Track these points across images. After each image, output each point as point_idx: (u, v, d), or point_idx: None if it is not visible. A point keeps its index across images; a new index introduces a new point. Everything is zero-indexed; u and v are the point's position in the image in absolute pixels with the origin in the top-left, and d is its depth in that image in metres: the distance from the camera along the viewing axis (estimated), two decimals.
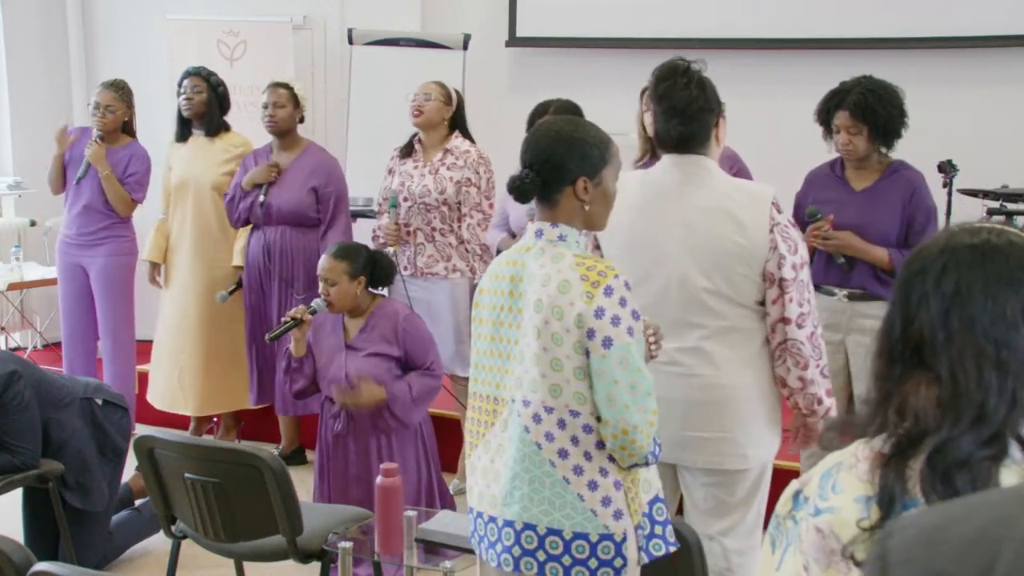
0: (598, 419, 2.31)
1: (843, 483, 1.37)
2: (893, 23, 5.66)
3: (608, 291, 2.29)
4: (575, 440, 2.31)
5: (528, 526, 2.33)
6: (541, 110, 4.46)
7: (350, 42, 6.34)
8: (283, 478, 3.12)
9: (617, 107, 4.23)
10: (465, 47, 6.19)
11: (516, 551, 2.34)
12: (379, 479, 3.05)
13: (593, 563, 2.31)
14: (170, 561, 3.47)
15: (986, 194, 4.94)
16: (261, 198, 4.90)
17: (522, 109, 4.65)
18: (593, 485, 2.32)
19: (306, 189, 4.89)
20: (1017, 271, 1.31)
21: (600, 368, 2.28)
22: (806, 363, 2.77)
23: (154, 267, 5.35)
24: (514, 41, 6.47)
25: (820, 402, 2.83)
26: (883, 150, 3.88)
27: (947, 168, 4.69)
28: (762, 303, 2.79)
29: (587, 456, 2.32)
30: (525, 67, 6.54)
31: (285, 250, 4.92)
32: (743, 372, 2.80)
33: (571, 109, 4.39)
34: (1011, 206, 4.86)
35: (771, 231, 2.73)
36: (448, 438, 4.62)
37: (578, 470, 2.32)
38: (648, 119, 3.99)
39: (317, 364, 4.00)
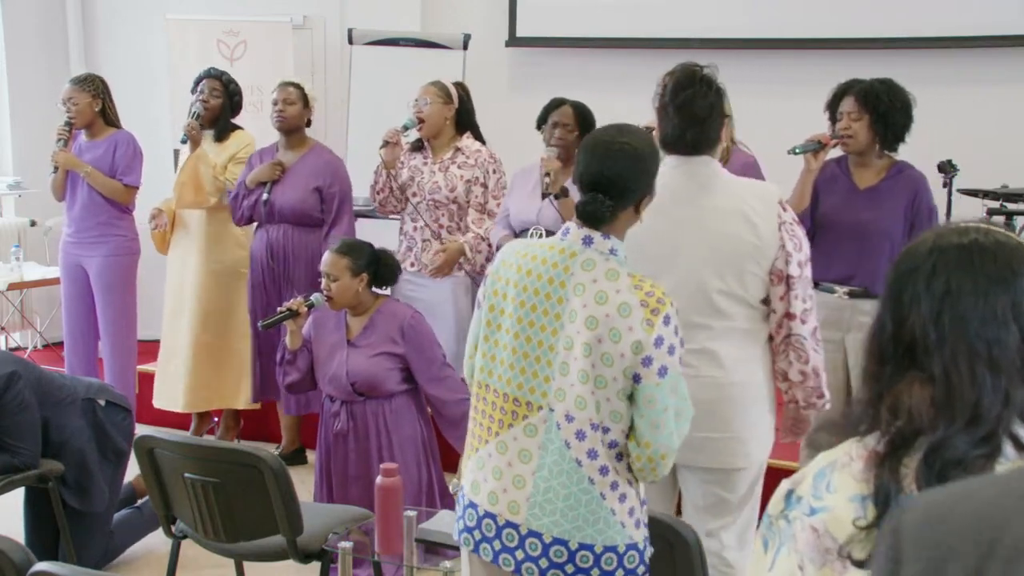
0: (626, 436, 2.32)
1: (837, 482, 1.38)
2: (893, 23, 5.66)
3: (667, 320, 2.29)
4: (609, 456, 2.32)
5: (558, 541, 2.31)
6: (555, 107, 4.49)
7: (350, 42, 6.34)
8: (283, 478, 3.12)
9: (617, 107, 4.22)
10: (465, 47, 6.19)
11: (543, 563, 2.32)
12: (379, 479, 3.05)
13: (620, 573, 2.32)
14: (170, 561, 3.47)
15: (986, 194, 4.95)
16: (264, 196, 4.90)
17: (522, 109, 4.64)
18: (623, 498, 2.34)
19: (310, 188, 4.89)
20: (1005, 270, 1.32)
21: (651, 395, 2.28)
22: (808, 357, 2.83)
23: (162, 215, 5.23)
24: (514, 41, 6.47)
25: (821, 396, 2.89)
26: (885, 151, 3.90)
27: (947, 168, 4.70)
28: (765, 301, 2.83)
29: (617, 471, 2.33)
30: (525, 67, 6.54)
31: (288, 249, 4.92)
32: (748, 372, 2.84)
33: (584, 111, 4.42)
34: (1011, 206, 4.86)
35: (779, 229, 2.78)
36: None
37: (615, 485, 2.33)
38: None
39: (317, 361, 4.00)
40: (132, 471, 4.13)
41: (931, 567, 0.79)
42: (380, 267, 3.97)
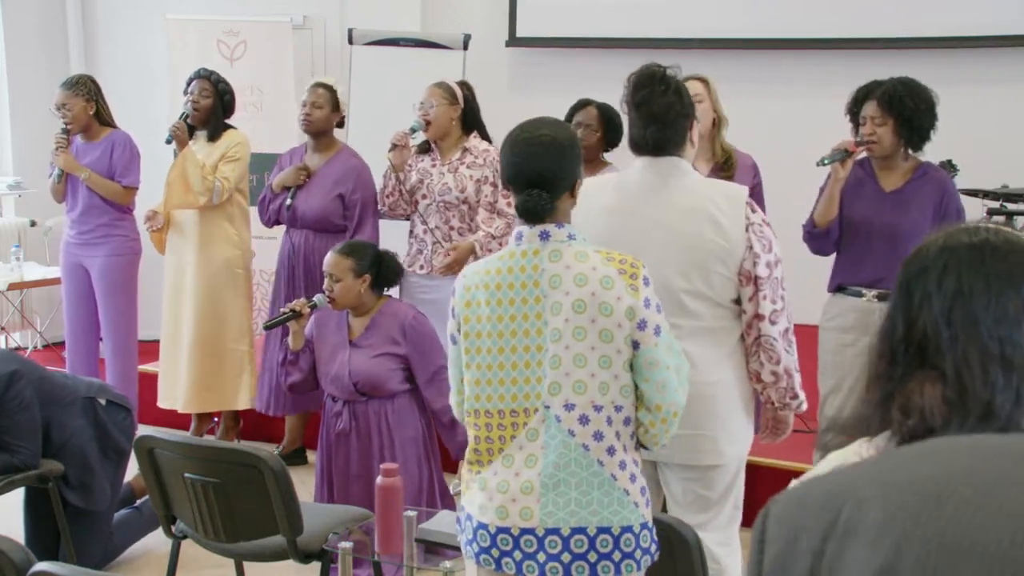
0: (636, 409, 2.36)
1: None
2: (893, 23, 5.67)
3: (646, 281, 2.36)
4: (619, 435, 2.35)
5: (577, 530, 2.32)
6: (580, 107, 4.53)
7: (350, 42, 6.34)
8: (283, 478, 3.12)
9: (618, 107, 4.24)
10: (465, 47, 6.19)
11: (566, 557, 2.32)
12: (379, 479, 3.05)
13: (638, 554, 2.34)
14: (170, 561, 3.47)
15: (986, 194, 4.95)
16: (288, 201, 4.88)
17: (522, 109, 4.61)
18: (633, 478, 2.36)
19: (333, 195, 4.86)
20: (1017, 269, 1.32)
21: (653, 356, 2.33)
22: (779, 358, 2.84)
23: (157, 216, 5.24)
24: (514, 41, 6.48)
25: (795, 396, 2.91)
26: (909, 151, 3.84)
27: (947, 168, 4.69)
28: (737, 301, 2.85)
29: (625, 449, 2.36)
30: (525, 67, 6.55)
31: (309, 254, 4.89)
32: (719, 370, 2.86)
33: (609, 113, 4.44)
34: (1011, 206, 4.87)
35: (747, 230, 2.79)
36: None
37: (623, 465, 2.35)
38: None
39: (319, 361, 4.00)
40: (129, 471, 4.14)
41: (787, 546, 0.88)
42: (383, 268, 3.98)
